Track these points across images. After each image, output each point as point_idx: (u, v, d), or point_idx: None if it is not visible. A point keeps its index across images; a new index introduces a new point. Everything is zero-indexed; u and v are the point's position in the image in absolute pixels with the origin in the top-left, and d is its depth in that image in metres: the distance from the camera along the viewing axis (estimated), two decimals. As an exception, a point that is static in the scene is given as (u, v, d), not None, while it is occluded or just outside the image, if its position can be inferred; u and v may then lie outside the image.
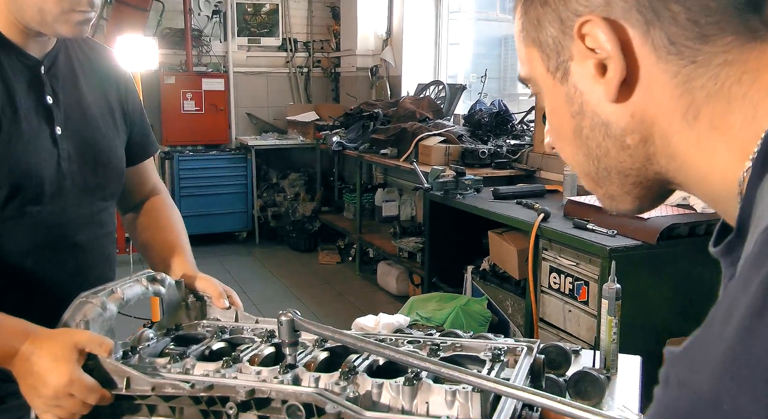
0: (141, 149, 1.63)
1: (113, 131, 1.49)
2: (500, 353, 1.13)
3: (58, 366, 1.08)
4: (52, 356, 1.09)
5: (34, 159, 1.31)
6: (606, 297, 1.87)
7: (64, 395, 1.08)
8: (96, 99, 1.47)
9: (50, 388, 1.07)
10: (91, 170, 1.42)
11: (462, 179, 3.98)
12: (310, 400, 1.03)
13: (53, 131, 1.35)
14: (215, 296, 1.41)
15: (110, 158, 1.48)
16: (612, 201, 0.71)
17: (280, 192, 7.29)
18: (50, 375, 1.08)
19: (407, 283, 5.32)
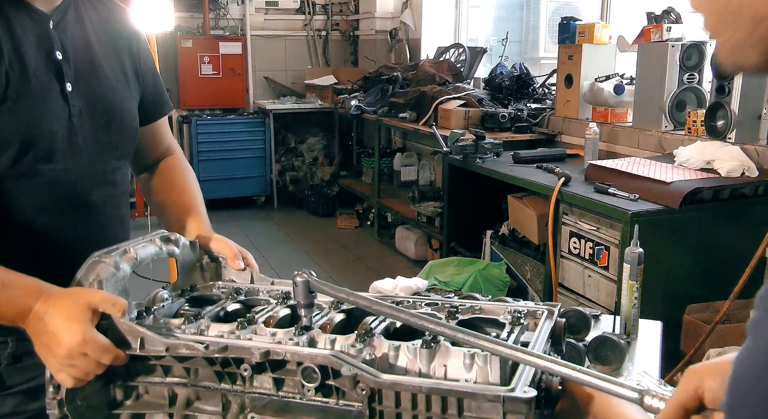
0: (154, 108, 1.59)
1: (126, 88, 1.46)
2: (520, 316, 1.11)
3: (72, 325, 1.07)
4: (65, 315, 1.08)
5: (44, 115, 1.28)
6: (628, 261, 1.83)
7: (78, 354, 1.06)
8: (107, 56, 1.43)
9: (64, 347, 1.06)
10: (103, 128, 1.39)
11: (481, 142, 3.93)
12: (325, 362, 1.01)
13: (63, 88, 1.32)
14: (230, 257, 1.39)
15: (123, 116, 1.44)
16: (732, 53, 0.60)
17: (299, 156, 7.27)
18: (64, 334, 1.07)
19: (426, 248, 5.31)
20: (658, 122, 3.69)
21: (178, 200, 1.59)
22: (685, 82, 3.62)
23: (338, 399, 1.04)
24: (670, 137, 3.62)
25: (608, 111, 4.05)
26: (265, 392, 1.09)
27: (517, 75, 4.96)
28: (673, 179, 2.93)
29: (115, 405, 1.22)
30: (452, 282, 3.71)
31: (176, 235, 1.39)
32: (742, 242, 2.87)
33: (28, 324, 1.11)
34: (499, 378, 0.97)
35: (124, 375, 1.19)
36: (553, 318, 1.13)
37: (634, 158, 3.43)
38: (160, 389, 1.18)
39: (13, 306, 1.12)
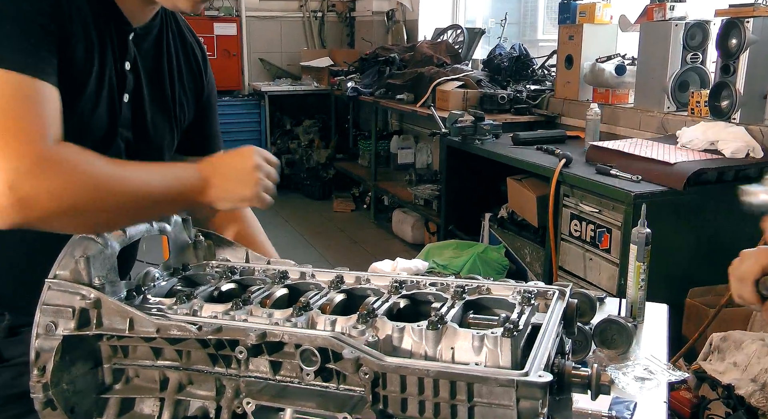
0: (206, 143, 1.58)
1: (175, 115, 1.46)
2: (530, 296, 1.05)
3: (237, 151, 1.22)
4: (227, 155, 1.24)
5: (93, 118, 1.27)
6: (635, 242, 1.78)
7: (261, 160, 1.22)
8: (173, 81, 1.43)
9: (251, 160, 1.20)
10: (141, 142, 1.40)
11: (480, 124, 3.86)
12: (325, 344, 0.95)
13: (120, 97, 1.31)
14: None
15: (162, 141, 1.45)
16: None
17: (294, 139, 7.19)
18: (240, 158, 1.21)
19: (423, 231, 5.25)
20: (660, 102, 3.63)
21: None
22: (689, 62, 3.56)
23: (339, 383, 0.98)
24: (672, 118, 3.56)
25: (609, 92, 3.98)
26: (261, 376, 1.03)
27: (516, 56, 4.88)
28: (676, 160, 2.88)
29: (104, 389, 1.16)
30: (451, 265, 3.66)
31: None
32: (746, 225, 2.81)
33: (207, 192, 1.19)
34: (510, 362, 0.91)
35: (113, 358, 1.14)
36: (565, 299, 1.08)
37: (637, 140, 3.37)
38: (151, 372, 1.13)
39: (185, 183, 1.18)
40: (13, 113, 1.06)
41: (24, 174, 1.02)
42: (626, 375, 1.52)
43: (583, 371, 0.98)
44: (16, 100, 1.06)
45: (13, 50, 1.08)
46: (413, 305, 1.12)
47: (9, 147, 1.02)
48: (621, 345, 1.61)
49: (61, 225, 1.10)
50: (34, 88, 1.09)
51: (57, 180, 1.04)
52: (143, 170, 1.17)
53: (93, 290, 1.08)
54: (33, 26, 1.12)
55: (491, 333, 0.93)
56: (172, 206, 1.21)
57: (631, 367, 1.55)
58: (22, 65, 1.08)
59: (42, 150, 1.05)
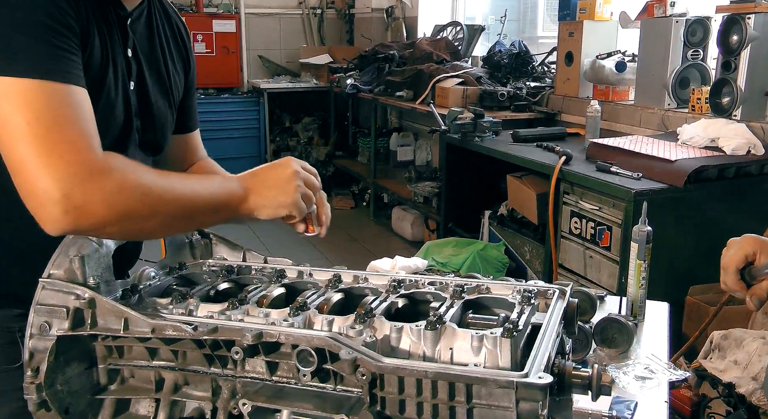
0: (189, 120, 1.58)
1: (171, 97, 1.45)
2: (530, 296, 1.03)
3: (276, 163, 1.24)
4: (268, 166, 1.24)
5: (112, 109, 1.27)
6: (636, 240, 1.77)
7: (300, 168, 1.23)
8: (166, 62, 1.43)
9: (290, 168, 1.22)
10: (150, 130, 1.39)
11: (480, 121, 3.85)
12: (322, 345, 0.94)
13: (127, 85, 1.31)
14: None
15: (165, 123, 1.44)
16: None
17: (294, 136, 7.17)
18: (279, 167, 1.23)
19: (422, 228, 5.24)
20: (660, 99, 3.62)
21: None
22: (689, 58, 3.54)
23: (336, 384, 0.97)
24: (673, 115, 3.55)
25: (609, 89, 3.97)
26: (257, 376, 1.02)
27: (516, 53, 4.86)
28: (677, 157, 2.86)
29: (99, 390, 1.15)
30: (450, 263, 3.64)
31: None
32: (747, 222, 2.79)
33: (248, 200, 1.21)
34: (509, 363, 0.90)
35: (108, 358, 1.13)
36: (566, 299, 1.06)
37: (637, 136, 3.36)
38: (147, 373, 1.11)
39: (227, 192, 1.19)
40: (56, 123, 1.05)
41: (78, 183, 1.02)
42: (627, 374, 1.51)
43: (584, 371, 0.97)
44: (54, 109, 1.06)
45: (41, 57, 1.07)
46: (412, 305, 1.11)
47: (60, 158, 1.03)
48: (621, 344, 1.60)
49: (113, 232, 1.11)
50: (68, 94, 1.08)
51: (109, 188, 1.05)
52: (188, 179, 1.20)
53: (88, 290, 1.07)
54: (57, 28, 1.10)
55: (490, 334, 0.92)
56: (216, 216, 1.22)
57: (631, 366, 1.54)
58: (53, 73, 1.07)
59: (92, 159, 1.06)
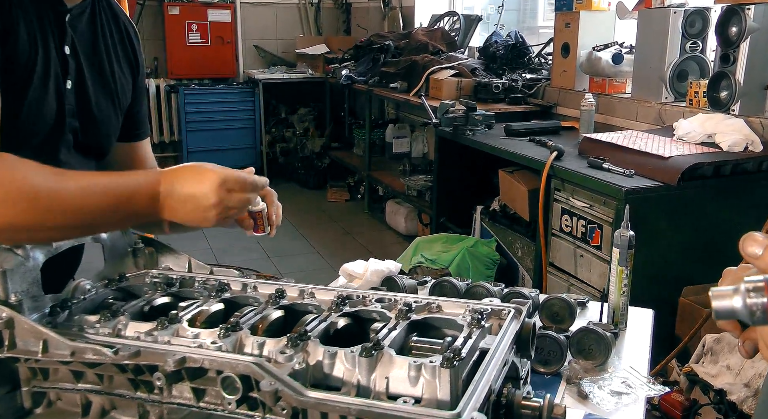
0: (138, 127, 1.50)
1: (116, 99, 1.37)
2: (480, 317, 0.95)
3: (203, 175, 1.08)
4: (193, 172, 1.09)
5: (38, 108, 1.19)
6: (617, 246, 1.67)
7: (226, 194, 1.08)
8: (111, 63, 1.36)
9: (211, 195, 1.07)
10: (90, 133, 1.31)
11: (472, 114, 3.75)
12: (247, 372, 0.86)
13: (63, 84, 1.23)
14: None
15: (109, 126, 1.36)
16: None
17: (289, 128, 7.08)
18: (202, 185, 1.07)
19: (416, 223, 5.15)
20: (657, 93, 3.51)
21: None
22: (688, 50, 3.43)
23: (265, 413, 0.89)
24: (670, 108, 3.44)
25: (606, 81, 3.86)
26: (185, 402, 0.94)
27: (512, 44, 4.75)
28: (671, 153, 2.76)
29: (24, 414, 1.07)
30: (439, 260, 3.56)
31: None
32: (743, 221, 2.71)
33: (164, 207, 1.07)
34: (449, 394, 0.82)
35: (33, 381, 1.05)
36: (521, 319, 0.98)
37: (631, 131, 3.25)
38: (74, 396, 1.04)
39: (144, 195, 1.07)
40: None
41: None
42: (602, 388, 1.42)
43: (534, 401, 0.89)
44: None
45: None
46: (356, 324, 1.03)
47: None
48: (598, 356, 1.51)
49: (2, 240, 1.02)
50: None
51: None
52: (91, 182, 1.06)
53: (6, 309, 0.99)
54: None
55: (429, 363, 0.83)
56: (123, 223, 1.14)
57: (608, 380, 1.45)
58: None
59: None
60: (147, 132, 1.53)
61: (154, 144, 6.82)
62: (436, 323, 0.99)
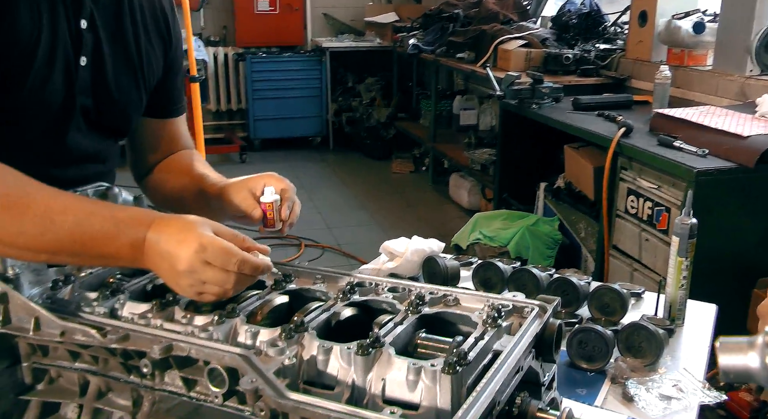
0: (171, 102, 1.42)
1: (143, 74, 1.29)
2: (497, 315, 0.85)
3: (186, 235, 0.91)
4: (178, 229, 0.92)
5: (41, 87, 1.12)
6: (677, 234, 1.53)
7: (200, 265, 0.90)
8: (137, 39, 1.27)
9: (183, 261, 0.90)
10: (106, 109, 1.24)
11: (539, 86, 3.57)
12: (233, 364, 0.79)
13: (77, 60, 1.16)
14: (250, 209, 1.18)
15: (128, 106, 1.28)
16: None
17: (356, 97, 7.00)
18: (179, 248, 0.90)
19: (479, 197, 5.01)
20: (741, 65, 3.25)
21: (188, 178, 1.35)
22: (777, 19, 3.15)
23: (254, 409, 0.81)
24: (754, 83, 3.18)
25: (685, 53, 3.60)
26: (176, 390, 0.88)
27: (587, 12, 4.51)
28: (750, 132, 2.54)
29: (25, 389, 1.04)
30: (498, 238, 3.44)
31: (116, 189, 1.18)
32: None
33: (146, 257, 0.94)
34: (449, 403, 0.73)
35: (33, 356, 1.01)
36: (544, 318, 0.87)
37: (709, 107, 3.03)
38: (73, 375, 0.99)
39: (126, 240, 0.93)
40: None
41: None
42: (650, 391, 1.30)
43: (551, 415, 0.78)
44: None
45: None
46: (364, 315, 0.94)
47: None
48: (648, 355, 1.38)
49: None
50: None
51: None
52: (71, 209, 0.95)
53: (0, 283, 0.95)
54: None
55: (430, 366, 0.74)
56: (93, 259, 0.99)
57: (657, 382, 1.32)
58: None
59: None
60: (181, 109, 1.45)
61: (220, 112, 6.87)
62: (449, 318, 0.89)
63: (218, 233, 0.92)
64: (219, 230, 0.93)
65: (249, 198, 1.17)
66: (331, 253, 4.46)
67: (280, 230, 1.17)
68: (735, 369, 0.48)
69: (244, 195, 1.17)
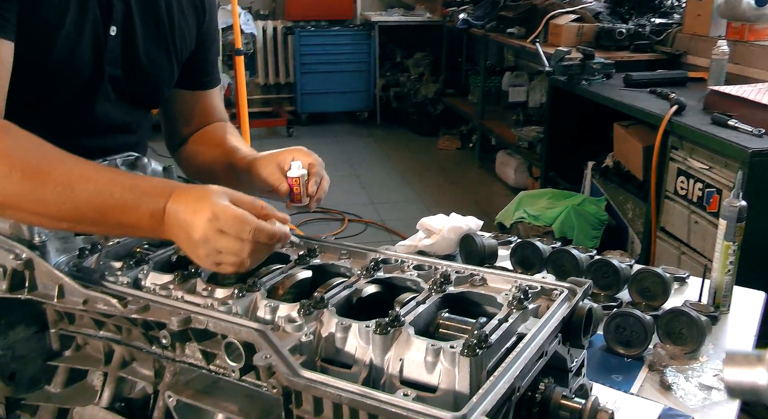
0: (205, 73, 1.40)
1: (175, 45, 1.28)
2: (524, 297, 0.81)
3: (201, 205, 0.89)
4: (194, 199, 0.90)
5: (69, 57, 1.11)
6: (725, 217, 1.46)
7: (214, 233, 0.87)
8: (170, 6, 1.26)
9: (198, 230, 0.87)
10: (135, 79, 1.23)
11: (589, 62, 3.47)
12: (250, 339, 0.77)
13: (107, 30, 1.15)
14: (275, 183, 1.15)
15: (159, 74, 1.27)
16: None
17: (404, 72, 6.93)
18: (194, 215, 0.89)
19: (526, 176, 4.93)
20: (806, 41, 3.09)
21: (221, 151, 1.33)
22: None
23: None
24: (818, 60, 3.03)
25: (745, 27, 3.44)
26: (196, 363, 0.87)
27: (643, -15, 4.35)
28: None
29: (53, 355, 1.05)
30: (542, 217, 3.37)
31: (145, 159, 1.17)
32: None
33: (166, 227, 0.92)
34: (468, 387, 0.70)
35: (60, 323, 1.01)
36: (573, 301, 0.83)
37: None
38: (98, 343, 1.00)
39: (146, 209, 0.92)
40: None
41: None
42: (689, 380, 1.25)
43: (576, 403, 0.75)
44: None
45: None
46: (387, 292, 0.92)
47: None
48: (689, 342, 1.33)
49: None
50: None
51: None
52: (92, 178, 0.94)
53: (26, 250, 0.96)
54: None
55: (450, 348, 0.72)
56: (114, 228, 0.97)
57: (697, 371, 1.27)
58: None
59: None
60: (215, 82, 1.43)
61: (268, 85, 6.89)
62: (474, 298, 0.86)
63: (236, 202, 0.90)
64: (237, 199, 0.91)
65: (276, 172, 1.15)
66: (374, 228, 4.45)
67: (306, 206, 1.14)
68: (741, 385, 0.44)
69: (272, 169, 1.16)
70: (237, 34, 3.81)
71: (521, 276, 0.89)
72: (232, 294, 0.87)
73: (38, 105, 1.11)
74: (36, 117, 1.11)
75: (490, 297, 0.84)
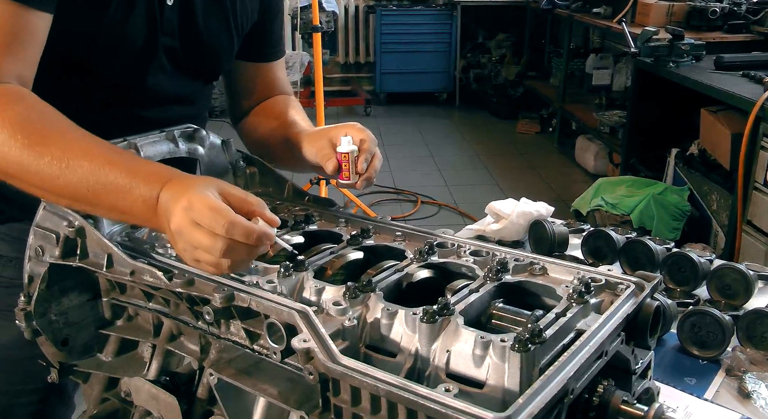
0: (267, 45, 1.37)
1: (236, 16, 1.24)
2: (585, 290, 0.75)
3: (182, 193, 0.83)
4: (180, 188, 0.85)
5: (128, 24, 1.10)
6: (821, 211, 1.34)
7: (188, 225, 0.81)
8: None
9: (174, 219, 0.82)
10: (193, 51, 1.20)
11: (678, 43, 3.29)
12: (291, 321, 0.74)
13: (163, 1, 1.13)
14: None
15: (218, 46, 1.24)
16: None
17: (485, 53, 6.79)
18: (172, 205, 0.84)
19: (606, 162, 4.75)
20: None
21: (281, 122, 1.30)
22: None
23: (314, 369, 0.77)
24: None
25: None
26: (240, 341, 0.85)
27: (742, -38, 4.09)
28: None
29: (105, 324, 1.05)
30: (621, 205, 3.23)
31: (203, 131, 1.16)
32: None
33: (157, 217, 0.87)
34: (518, 384, 0.65)
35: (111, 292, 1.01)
36: (640, 298, 0.76)
37: None
38: (148, 314, 0.99)
39: (138, 195, 0.87)
40: None
41: None
42: (770, 387, 1.15)
43: (637, 409, 0.69)
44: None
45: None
46: (441, 278, 0.87)
47: None
48: (773, 345, 1.22)
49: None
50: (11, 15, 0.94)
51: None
52: (89, 156, 0.90)
53: (79, 218, 0.95)
54: None
55: (500, 341, 0.66)
56: (113, 214, 0.94)
57: (780, 378, 1.17)
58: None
59: None
60: (279, 53, 1.40)
61: (348, 64, 6.88)
62: (531, 289, 0.80)
63: (224, 194, 0.83)
64: (225, 192, 0.84)
65: (326, 148, 1.09)
66: (447, 211, 4.39)
67: (355, 185, 1.05)
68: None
69: (323, 144, 1.10)
70: (315, 11, 3.80)
71: (584, 267, 0.82)
72: (280, 273, 0.84)
73: (92, 74, 1.10)
74: (91, 86, 1.10)
75: (549, 288, 0.78)
